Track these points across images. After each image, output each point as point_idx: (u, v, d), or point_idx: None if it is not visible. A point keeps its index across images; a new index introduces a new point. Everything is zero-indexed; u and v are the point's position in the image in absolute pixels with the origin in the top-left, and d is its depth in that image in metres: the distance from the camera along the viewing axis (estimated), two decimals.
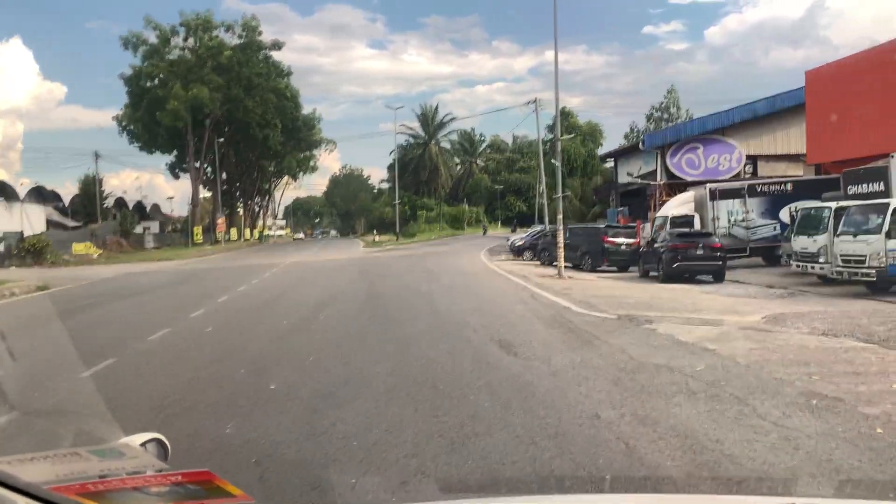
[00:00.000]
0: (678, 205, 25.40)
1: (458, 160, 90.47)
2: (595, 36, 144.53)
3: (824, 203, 16.96)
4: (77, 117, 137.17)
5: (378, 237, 65.11)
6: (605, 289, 16.99)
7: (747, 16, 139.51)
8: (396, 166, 70.85)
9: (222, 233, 60.98)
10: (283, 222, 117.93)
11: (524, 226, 54.76)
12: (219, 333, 10.94)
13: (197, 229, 59.25)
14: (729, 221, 23.20)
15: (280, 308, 14.42)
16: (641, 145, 36.73)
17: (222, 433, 5.25)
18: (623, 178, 41.18)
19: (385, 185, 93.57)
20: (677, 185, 31.44)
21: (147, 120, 59.53)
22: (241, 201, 79.19)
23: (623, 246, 24.00)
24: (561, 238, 21.52)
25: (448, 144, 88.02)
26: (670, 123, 61.06)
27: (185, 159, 65.34)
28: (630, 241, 24.23)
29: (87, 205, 55.70)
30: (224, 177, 70.62)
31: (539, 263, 27.30)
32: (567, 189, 47.77)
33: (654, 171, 34.47)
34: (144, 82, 60.58)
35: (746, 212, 23.18)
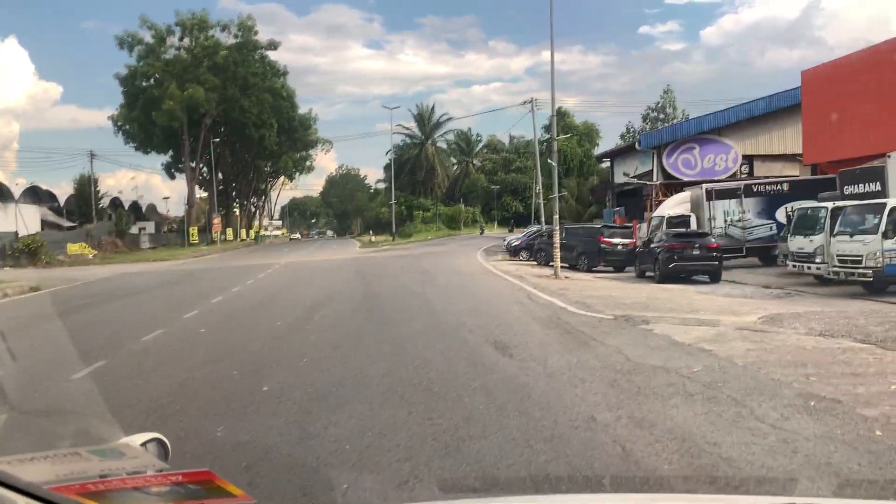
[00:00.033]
0: (674, 205, 25.41)
1: (455, 160, 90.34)
2: (591, 36, 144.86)
3: (821, 203, 16.93)
4: (73, 117, 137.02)
5: (374, 237, 65.04)
6: (602, 289, 16.94)
7: (743, 16, 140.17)
8: (393, 166, 70.74)
9: (218, 233, 60.91)
10: (280, 222, 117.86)
11: (521, 226, 54.74)
12: (213, 334, 10.86)
13: (193, 230, 59.14)
14: (725, 221, 23.19)
15: (275, 309, 14.34)
16: (638, 145, 36.72)
17: (213, 436, 5.17)
18: (619, 179, 41.18)
19: (381, 186, 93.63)
20: (673, 186, 31.44)
21: (143, 120, 59.33)
22: (238, 201, 79.09)
23: (619, 246, 23.98)
24: (557, 238, 21.49)
25: (444, 144, 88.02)
26: (666, 123, 61.03)
27: (181, 159, 65.14)
28: (626, 242, 24.20)
29: (83, 205, 55.54)
30: (220, 177, 70.53)
31: (535, 264, 27.26)
32: (563, 189, 47.76)
33: (651, 172, 34.48)
34: (140, 82, 60.40)
35: (743, 212, 23.18)
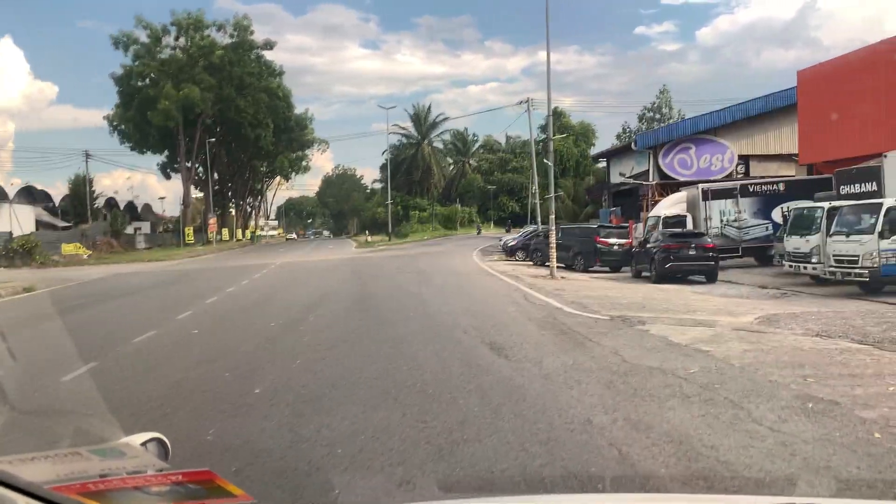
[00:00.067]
0: (670, 205, 25.40)
1: (451, 160, 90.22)
2: (587, 36, 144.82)
3: (817, 203, 16.91)
4: (68, 117, 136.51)
5: (370, 237, 64.90)
6: (598, 289, 16.89)
7: (739, 17, 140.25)
8: (389, 166, 70.65)
9: (214, 233, 60.76)
10: (276, 222, 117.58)
11: (518, 226, 54.68)
12: (206, 335, 10.76)
13: (188, 230, 59.01)
14: (721, 221, 23.18)
15: (270, 309, 14.24)
16: (634, 145, 36.72)
17: (203, 439, 5.09)
18: (615, 179, 41.17)
19: (378, 186, 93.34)
20: (669, 186, 31.45)
21: (138, 120, 59.14)
22: (233, 201, 78.91)
23: (615, 246, 23.94)
24: (553, 238, 21.43)
25: (441, 144, 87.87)
26: (662, 124, 61.14)
27: (177, 159, 64.96)
28: (622, 242, 24.18)
29: (78, 205, 55.37)
30: (216, 177, 70.33)
31: (531, 264, 27.21)
32: (559, 189, 47.74)
33: (647, 172, 34.49)
34: (135, 82, 60.21)
35: (739, 212, 23.17)
